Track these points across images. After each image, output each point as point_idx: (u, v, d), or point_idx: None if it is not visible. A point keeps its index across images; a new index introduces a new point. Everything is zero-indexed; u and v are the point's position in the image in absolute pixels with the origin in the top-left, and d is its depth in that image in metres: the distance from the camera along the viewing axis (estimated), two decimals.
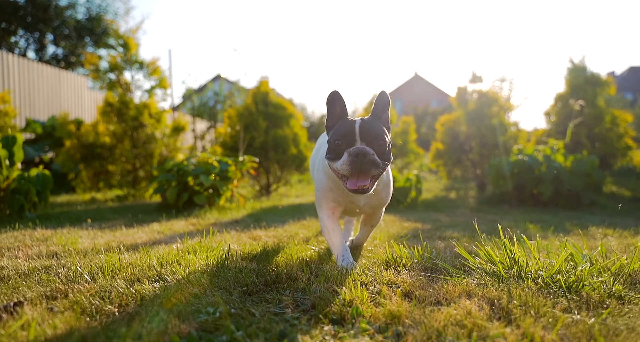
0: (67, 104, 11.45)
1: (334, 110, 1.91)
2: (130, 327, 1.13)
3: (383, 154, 1.77)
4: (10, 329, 1.07)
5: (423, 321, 1.22)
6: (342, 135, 1.75)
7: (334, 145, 1.77)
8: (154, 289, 1.50)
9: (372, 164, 1.69)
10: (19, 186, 4.12)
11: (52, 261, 1.99)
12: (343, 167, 1.71)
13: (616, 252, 2.04)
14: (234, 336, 1.11)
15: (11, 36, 19.63)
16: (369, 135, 1.74)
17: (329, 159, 1.81)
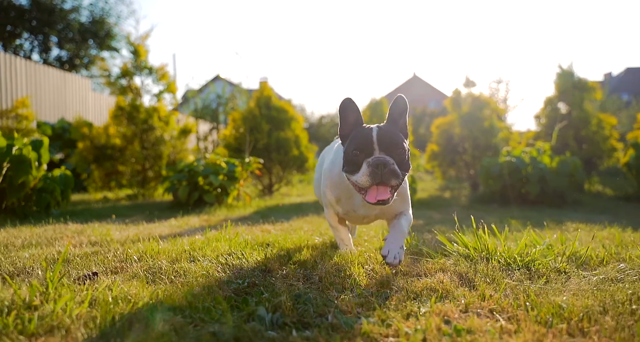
0: (72, 105, 11.77)
1: (348, 119, 1.84)
2: (183, 290, 1.50)
3: (402, 163, 1.71)
4: (100, 287, 1.44)
5: (405, 287, 1.60)
6: (359, 145, 1.69)
7: (352, 156, 1.71)
8: (191, 266, 1.87)
9: (393, 174, 1.63)
10: (45, 185, 4.48)
11: (98, 248, 2.36)
12: (363, 178, 1.65)
13: (571, 240, 2.42)
14: (262, 297, 1.48)
15: (16, 39, 19.98)
16: (388, 143, 1.68)
17: (347, 171, 1.75)
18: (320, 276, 1.77)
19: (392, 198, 1.68)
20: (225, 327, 1.18)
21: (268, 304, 1.38)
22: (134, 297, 1.39)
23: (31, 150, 4.24)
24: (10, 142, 4.14)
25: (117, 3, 22.12)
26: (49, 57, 20.73)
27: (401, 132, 1.80)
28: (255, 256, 2.09)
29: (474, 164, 8.43)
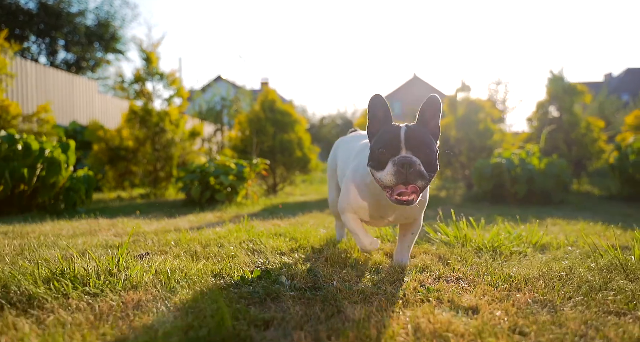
0: (79, 107, 12.15)
1: (376, 116, 1.80)
2: (221, 265, 1.93)
3: (429, 164, 1.66)
4: (155, 263, 1.87)
5: (393, 266, 2.02)
6: (386, 143, 1.66)
7: (378, 154, 1.69)
8: (220, 250, 2.29)
9: (419, 175, 1.59)
10: (71, 185, 4.91)
11: (136, 237, 2.78)
12: (387, 177, 1.62)
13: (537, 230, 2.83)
14: (281, 270, 1.90)
15: (23, 42, 20.43)
16: (415, 143, 1.64)
17: (372, 167, 1.73)
18: (326, 257, 2.19)
19: (417, 199, 1.63)
20: (257, 288, 1.60)
21: (287, 274, 1.80)
22: (185, 268, 1.81)
23: (60, 152, 4.67)
24: (43, 146, 4.57)
25: (122, 6, 22.63)
26: (56, 60, 21.18)
27: (432, 133, 1.76)
28: (271, 243, 2.51)
29: (469, 165, 8.83)
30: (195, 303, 1.39)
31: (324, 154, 23.08)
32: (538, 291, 1.54)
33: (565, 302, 1.43)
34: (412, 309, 1.37)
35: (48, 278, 1.57)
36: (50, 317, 1.25)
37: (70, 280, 1.55)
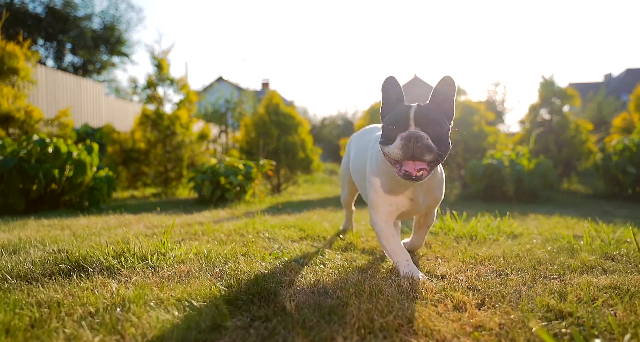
0: (87, 110, 12.48)
1: (390, 97, 1.84)
2: (246, 248, 2.36)
3: (439, 140, 1.66)
4: (192, 246, 2.31)
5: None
6: (396, 119, 1.69)
7: (388, 130, 1.71)
8: (242, 238, 2.72)
9: (426, 149, 1.61)
10: (95, 184, 5.35)
11: (164, 228, 3.21)
12: (395, 151, 1.65)
13: (512, 222, 3.27)
14: (296, 252, 2.34)
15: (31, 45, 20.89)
16: (425, 119, 1.66)
17: (382, 143, 1.75)
18: (331, 243, 2.63)
19: (426, 175, 1.65)
20: (278, 264, 2.04)
21: (299, 254, 2.24)
22: (218, 250, 2.25)
23: (86, 155, 5.11)
24: (70, 149, 5.01)
25: (127, 10, 23.12)
26: (63, 63, 21.65)
27: (446, 115, 1.76)
28: (283, 232, 2.95)
29: (464, 165, 9.27)
30: (233, 271, 1.83)
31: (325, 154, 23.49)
32: (497, 265, 1.98)
33: (515, 272, 1.87)
34: (397, 276, 1.81)
35: (116, 255, 2.02)
36: (130, 280, 1.69)
37: (132, 256, 2.00)
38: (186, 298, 1.45)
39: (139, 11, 27.10)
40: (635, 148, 6.61)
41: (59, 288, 1.55)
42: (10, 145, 4.85)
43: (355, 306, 1.37)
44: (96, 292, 1.51)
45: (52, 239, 2.61)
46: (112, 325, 1.21)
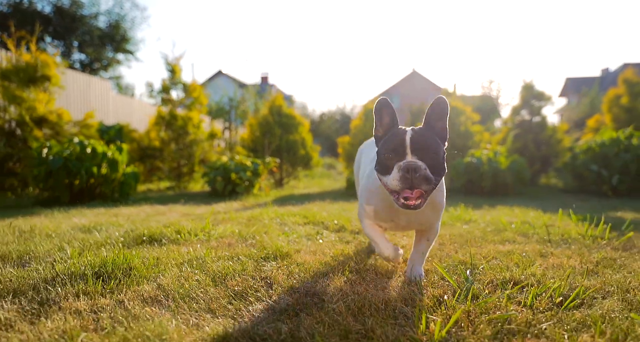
0: (95, 106, 12.94)
1: (383, 120, 1.82)
2: (266, 229, 3.22)
3: (436, 168, 1.67)
4: (226, 227, 3.16)
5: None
6: (392, 148, 1.69)
7: (384, 159, 1.71)
8: (259, 222, 3.58)
9: (424, 180, 1.61)
10: (124, 179, 6.20)
11: (194, 216, 4.06)
12: (393, 182, 1.65)
13: (470, 211, 4.12)
14: (301, 232, 3.19)
15: (39, 43, 21.59)
16: (421, 147, 1.66)
17: (378, 171, 1.75)
18: (328, 226, 3.49)
19: (423, 203, 1.66)
20: (287, 240, 2.90)
21: (304, 233, 3.11)
22: (246, 229, 3.10)
23: (118, 154, 5.96)
24: (105, 149, 5.85)
25: (132, 9, 23.80)
26: (71, 61, 22.35)
27: (438, 135, 1.76)
28: (291, 219, 3.80)
29: (450, 162, 10.12)
30: (260, 243, 2.69)
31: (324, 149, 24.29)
32: (442, 240, 2.84)
33: (451, 243, 2.73)
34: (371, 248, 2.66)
35: (175, 232, 2.87)
36: (192, 247, 2.55)
37: (187, 233, 2.85)
38: (235, 256, 2.31)
39: (143, 10, 27.75)
40: (598, 148, 7.46)
41: (154, 250, 2.42)
42: (55, 147, 5.69)
43: (341, 260, 2.24)
44: (177, 252, 2.36)
45: (117, 222, 3.47)
46: (198, 266, 2.07)
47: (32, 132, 6.82)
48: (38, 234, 2.88)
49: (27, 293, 1.65)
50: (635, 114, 9.45)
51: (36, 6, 20.57)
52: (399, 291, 1.77)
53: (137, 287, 1.75)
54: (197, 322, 1.42)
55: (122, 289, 1.72)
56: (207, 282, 1.83)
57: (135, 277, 1.86)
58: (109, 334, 1.31)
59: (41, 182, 5.61)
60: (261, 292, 1.73)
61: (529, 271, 2.01)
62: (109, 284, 1.76)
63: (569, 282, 1.83)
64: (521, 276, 1.93)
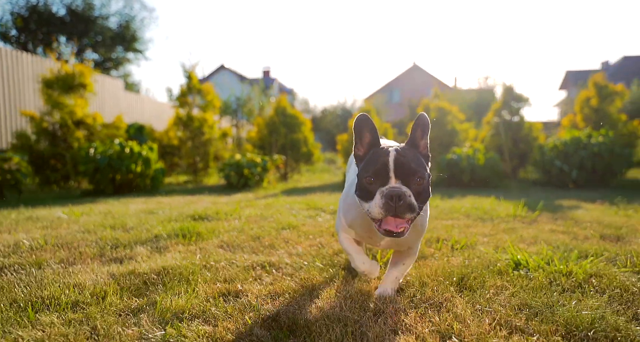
0: (108, 105, 13.85)
1: (363, 139, 1.70)
2: (281, 211, 4.37)
3: (420, 194, 1.55)
4: (252, 210, 4.31)
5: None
6: (374, 171, 1.56)
7: (365, 183, 1.57)
8: (275, 208, 4.72)
9: (408, 208, 1.49)
10: (155, 174, 7.35)
11: (221, 204, 5.21)
12: (375, 210, 1.51)
13: (447, 202, 5.24)
14: (305, 214, 4.33)
15: (53, 43, 22.71)
16: (405, 171, 1.53)
17: (359, 197, 1.62)
18: (325, 210, 4.63)
19: (407, 230, 1.54)
20: (296, 219, 4.05)
21: (307, 214, 4.26)
22: (265, 212, 4.25)
23: (151, 153, 7.11)
24: (140, 149, 7.00)
25: (141, 10, 24.81)
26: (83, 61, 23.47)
27: (422, 155, 1.68)
28: (297, 205, 4.95)
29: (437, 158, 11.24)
30: (277, 220, 3.83)
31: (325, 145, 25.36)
32: None
33: None
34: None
35: (216, 213, 4.02)
36: (232, 222, 3.69)
37: (224, 214, 4.01)
38: (262, 227, 3.46)
39: (152, 11, 28.81)
40: (561, 146, 8.57)
41: (206, 223, 3.57)
42: (100, 147, 6.84)
43: (332, 230, 3.39)
44: (222, 225, 3.51)
45: (165, 207, 4.62)
46: (240, 232, 3.22)
47: (74, 134, 7.97)
48: (118, 215, 4.04)
49: (147, 244, 2.81)
50: (602, 115, 10.53)
51: (51, 8, 21.65)
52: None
53: (207, 242, 2.90)
54: (249, 257, 2.56)
55: (199, 243, 2.87)
56: (249, 240, 2.98)
57: (203, 238, 3.01)
58: (203, 258, 2.44)
59: (88, 177, 6.77)
60: (282, 245, 2.87)
61: (450, 233, 3.16)
62: (190, 240, 2.91)
63: (472, 239, 2.97)
64: (444, 236, 3.08)
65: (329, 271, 2.22)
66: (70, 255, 2.49)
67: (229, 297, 1.81)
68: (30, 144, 7.78)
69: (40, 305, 1.67)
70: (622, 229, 3.35)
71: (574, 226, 3.52)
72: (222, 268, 2.23)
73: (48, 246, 2.69)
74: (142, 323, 1.53)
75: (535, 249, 2.64)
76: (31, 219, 3.78)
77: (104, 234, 3.04)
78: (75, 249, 2.63)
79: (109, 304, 1.70)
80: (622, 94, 10.50)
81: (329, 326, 1.50)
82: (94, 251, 2.59)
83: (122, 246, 2.71)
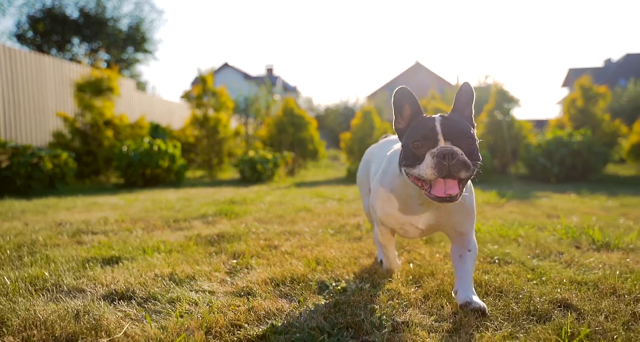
0: (120, 104, 14.58)
1: (403, 112, 1.66)
2: (294, 199, 5.25)
3: (472, 154, 1.50)
4: (273, 196, 5.21)
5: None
6: (421, 135, 1.51)
7: (413, 148, 1.52)
8: (288, 196, 5.61)
9: (463, 166, 1.44)
10: (179, 169, 8.25)
11: (244, 193, 6.11)
12: (427, 171, 1.45)
13: None
14: (315, 200, 5.22)
15: (66, 45, 23.65)
16: (454, 132, 1.50)
17: (406, 165, 1.55)
18: (331, 198, 5.52)
19: (461, 193, 1.48)
20: (307, 204, 4.94)
21: (317, 201, 5.15)
22: (282, 199, 5.14)
23: (175, 150, 8.01)
24: (167, 147, 7.90)
25: (150, 12, 25.67)
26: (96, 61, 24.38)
27: (468, 121, 1.63)
28: (307, 195, 5.83)
29: None
30: (293, 204, 4.72)
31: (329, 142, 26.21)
32: None
33: None
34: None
35: (244, 198, 4.91)
36: (257, 205, 4.58)
37: (249, 200, 4.90)
38: (283, 209, 4.35)
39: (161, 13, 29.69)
40: (545, 144, 9.42)
41: (237, 206, 4.46)
42: (131, 145, 7.75)
43: (337, 211, 4.28)
44: (251, 207, 4.40)
45: (197, 196, 5.52)
46: (267, 212, 4.11)
47: (105, 133, 8.88)
48: (163, 201, 4.94)
49: (199, 219, 3.70)
50: (587, 115, 11.37)
51: (65, 11, 22.55)
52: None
53: (244, 218, 3.78)
54: (278, 227, 3.43)
55: (238, 218, 3.75)
56: (274, 217, 3.86)
57: (239, 215, 3.90)
58: (246, 227, 3.32)
59: (121, 171, 7.68)
60: (300, 221, 3.75)
61: None
62: (230, 217, 3.80)
63: None
64: None
65: (337, 235, 3.10)
66: (147, 226, 3.39)
67: (270, 248, 2.69)
68: (66, 142, 8.69)
69: (150, 250, 2.55)
70: (567, 211, 4.23)
71: (530, 209, 4.39)
72: (261, 233, 3.12)
73: (126, 220, 3.59)
74: (221, 257, 2.42)
75: (491, 222, 3.52)
76: (96, 204, 4.69)
77: (162, 213, 3.94)
78: (148, 222, 3.53)
79: (194, 250, 2.59)
80: (605, 96, 11.33)
81: (340, 260, 2.38)
82: (162, 223, 3.48)
83: (181, 220, 3.61)
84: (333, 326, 1.49)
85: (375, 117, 12.29)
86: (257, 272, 2.12)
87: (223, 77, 39.90)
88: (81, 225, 3.32)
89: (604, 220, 3.80)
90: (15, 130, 8.58)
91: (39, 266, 2.19)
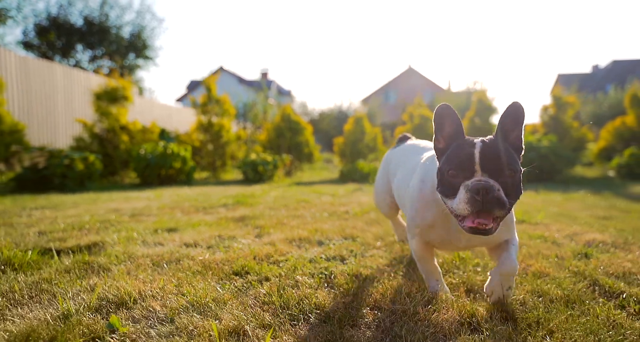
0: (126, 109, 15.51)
1: (444, 130, 1.57)
2: (295, 195, 6.25)
3: (511, 189, 1.42)
4: (277, 192, 6.21)
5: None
6: (457, 164, 1.44)
7: (448, 177, 1.47)
8: (289, 193, 6.60)
9: (497, 203, 1.37)
10: (189, 170, 9.23)
11: (252, 189, 7.09)
12: (460, 206, 1.41)
13: None
14: (313, 197, 6.22)
15: (70, 51, 24.53)
16: (493, 163, 1.41)
17: (441, 192, 1.52)
18: (326, 194, 6.52)
19: (495, 228, 1.41)
20: (307, 199, 5.94)
21: (314, 197, 6.16)
22: (286, 194, 6.14)
23: (186, 153, 8.99)
24: (179, 150, 8.88)
25: (151, 20, 26.67)
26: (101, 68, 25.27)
27: (513, 147, 1.52)
28: (305, 192, 6.83)
29: None
30: (295, 198, 5.72)
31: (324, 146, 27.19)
32: None
33: None
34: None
35: (253, 194, 5.91)
36: (265, 199, 5.57)
37: (257, 195, 5.89)
38: (287, 201, 5.34)
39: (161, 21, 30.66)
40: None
41: (249, 198, 5.46)
42: (148, 148, 8.72)
43: (333, 203, 5.29)
44: (260, 199, 5.39)
45: (210, 192, 6.49)
46: (275, 203, 5.11)
47: (121, 137, 9.84)
48: (185, 195, 5.91)
49: (221, 207, 4.68)
50: (558, 122, 12.50)
51: (70, 19, 23.45)
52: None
53: (256, 207, 4.77)
54: (285, 213, 4.41)
55: (252, 207, 4.74)
56: (281, 207, 4.85)
57: (252, 205, 4.88)
58: (260, 212, 4.31)
59: (138, 172, 8.65)
60: (302, 209, 4.74)
61: None
62: (246, 205, 4.79)
63: None
64: None
65: (330, 217, 4.10)
66: (183, 211, 4.37)
67: (281, 224, 3.68)
68: (85, 145, 9.64)
69: (196, 224, 3.54)
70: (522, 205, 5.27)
71: None
72: (273, 215, 4.12)
73: (165, 208, 4.57)
74: (248, 228, 3.41)
75: None
76: (130, 197, 5.66)
77: (190, 203, 4.93)
78: (183, 208, 4.52)
79: (226, 225, 3.58)
80: (574, 105, 12.47)
81: (331, 230, 3.38)
82: (194, 210, 4.47)
83: (208, 208, 4.59)
84: (328, 258, 2.51)
85: (366, 123, 13.33)
86: (276, 235, 3.12)
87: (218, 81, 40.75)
88: (133, 211, 4.31)
89: (539, 208, 4.84)
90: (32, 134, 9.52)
91: (125, 231, 3.18)
